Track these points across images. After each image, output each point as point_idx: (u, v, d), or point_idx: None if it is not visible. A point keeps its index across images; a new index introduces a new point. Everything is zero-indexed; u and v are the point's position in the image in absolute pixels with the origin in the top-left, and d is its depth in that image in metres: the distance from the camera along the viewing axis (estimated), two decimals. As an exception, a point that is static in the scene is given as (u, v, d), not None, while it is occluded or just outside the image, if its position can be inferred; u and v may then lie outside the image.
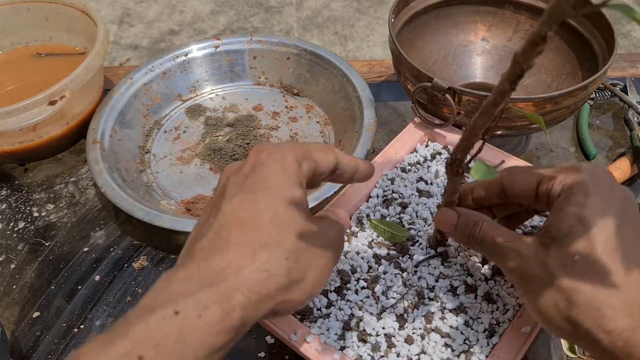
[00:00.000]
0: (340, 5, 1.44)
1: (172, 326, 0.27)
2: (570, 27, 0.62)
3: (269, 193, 0.32)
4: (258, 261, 0.30)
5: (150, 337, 0.26)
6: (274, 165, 0.33)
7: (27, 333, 0.51)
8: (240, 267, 0.29)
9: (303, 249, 0.32)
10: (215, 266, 0.29)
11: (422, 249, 0.45)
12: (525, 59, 0.26)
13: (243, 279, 0.29)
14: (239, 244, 0.30)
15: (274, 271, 0.30)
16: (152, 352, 0.26)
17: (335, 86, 0.69)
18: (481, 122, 0.32)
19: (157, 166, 0.65)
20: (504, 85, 0.28)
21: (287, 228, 0.31)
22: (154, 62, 0.71)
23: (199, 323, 0.27)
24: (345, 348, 0.40)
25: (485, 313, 0.41)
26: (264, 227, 0.31)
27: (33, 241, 0.59)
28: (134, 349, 0.26)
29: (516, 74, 0.27)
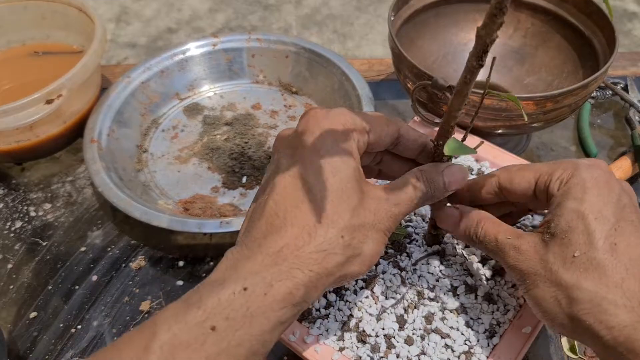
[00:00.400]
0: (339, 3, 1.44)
1: (241, 302, 0.29)
2: (572, 25, 0.62)
3: (321, 167, 0.32)
4: (314, 242, 0.31)
5: (221, 310, 0.29)
6: (324, 135, 0.32)
7: (25, 333, 0.51)
8: (298, 248, 0.30)
9: (358, 225, 0.32)
10: (275, 245, 0.31)
11: (419, 247, 0.45)
12: (487, 32, 0.27)
13: (302, 259, 0.30)
14: (295, 224, 0.31)
15: (330, 250, 0.31)
16: (224, 323, 0.28)
17: (334, 85, 0.68)
18: (457, 103, 0.32)
19: (154, 165, 0.65)
20: (471, 62, 0.29)
21: (341, 204, 0.31)
22: (152, 60, 0.71)
23: (265, 300, 0.29)
24: (345, 349, 0.40)
25: (486, 313, 0.41)
26: (318, 205, 0.31)
27: (30, 241, 0.58)
28: (208, 320, 0.28)
29: (481, 49, 0.28)
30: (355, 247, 0.32)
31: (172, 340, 0.28)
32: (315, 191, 0.31)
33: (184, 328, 0.28)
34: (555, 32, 0.64)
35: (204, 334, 0.28)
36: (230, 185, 0.62)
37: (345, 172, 0.32)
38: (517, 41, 0.67)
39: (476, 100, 0.52)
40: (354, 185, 0.32)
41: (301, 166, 0.32)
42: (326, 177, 0.32)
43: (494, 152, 0.53)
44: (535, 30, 0.66)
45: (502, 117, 0.53)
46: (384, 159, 0.39)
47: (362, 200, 0.32)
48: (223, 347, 0.28)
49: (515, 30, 0.67)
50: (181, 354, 0.28)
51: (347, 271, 0.32)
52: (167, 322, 0.29)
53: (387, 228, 0.33)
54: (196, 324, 0.28)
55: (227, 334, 0.28)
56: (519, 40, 0.67)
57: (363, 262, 0.33)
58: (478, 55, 0.28)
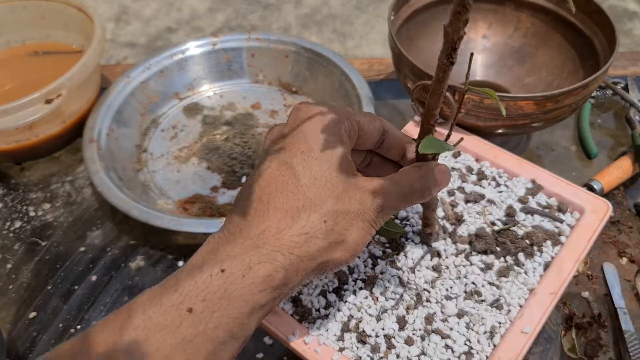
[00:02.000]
0: (339, 2, 1.44)
1: (219, 283, 0.29)
2: (572, 25, 0.62)
3: (307, 155, 0.32)
4: (296, 225, 0.30)
5: (198, 292, 0.28)
6: (312, 125, 0.33)
7: (24, 333, 0.51)
8: (279, 231, 0.30)
9: (342, 211, 0.32)
10: (257, 229, 0.30)
11: (416, 244, 0.45)
12: (454, 30, 0.27)
13: (283, 242, 0.30)
14: (278, 208, 0.31)
15: (312, 234, 0.31)
16: (201, 305, 0.28)
17: (334, 84, 0.68)
18: (433, 102, 0.32)
19: (154, 165, 0.64)
20: (442, 60, 0.29)
21: (326, 190, 0.31)
22: (151, 60, 0.70)
23: (243, 282, 0.29)
24: (345, 349, 0.40)
25: (487, 313, 0.41)
26: (302, 190, 0.31)
27: (29, 241, 0.58)
28: (184, 302, 0.28)
29: (449, 46, 0.28)
30: (339, 234, 0.32)
31: (147, 322, 0.28)
32: (300, 177, 0.31)
33: (159, 310, 0.28)
34: (555, 32, 0.64)
35: (180, 316, 0.28)
36: (229, 185, 0.62)
37: (331, 160, 0.32)
38: (518, 41, 0.67)
39: (475, 99, 0.52)
40: (340, 173, 0.32)
41: (288, 154, 0.32)
42: (311, 164, 0.32)
43: (494, 152, 0.52)
44: (535, 30, 0.66)
45: (502, 117, 0.53)
46: (372, 161, 0.39)
47: (347, 189, 0.32)
48: (200, 329, 0.28)
49: (516, 30, 0.67)
50: (156, 335, 0.27)
51: (330, 257, 0.32)
52: (142, 305, 0.28)
53: (373, 219, 0.33)
54: (172, 306, 0.28)
55: (204, 316, 0.28)
56: (519, 40, 0.67)
57: (346, 249, 0.32)
58: (447, 52, 0.29)
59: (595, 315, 0.49)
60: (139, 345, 0.27)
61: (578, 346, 0.47)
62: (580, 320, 0.49)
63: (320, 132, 0.33)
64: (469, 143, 0.53)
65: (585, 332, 0.48)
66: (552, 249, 0.45)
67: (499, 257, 0.44)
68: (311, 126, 0.33)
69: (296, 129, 0.33)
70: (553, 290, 0.42)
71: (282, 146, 0.33)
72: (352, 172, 0.34)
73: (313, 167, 0.32)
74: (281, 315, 0.41)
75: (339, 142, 0.33)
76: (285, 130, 0.34)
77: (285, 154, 0.32)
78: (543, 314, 0.40)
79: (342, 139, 0.33)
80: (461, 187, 0.49)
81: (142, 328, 0.27)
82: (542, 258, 0.44)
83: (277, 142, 0.33)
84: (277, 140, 0.34)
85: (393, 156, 0.38)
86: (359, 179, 0.34)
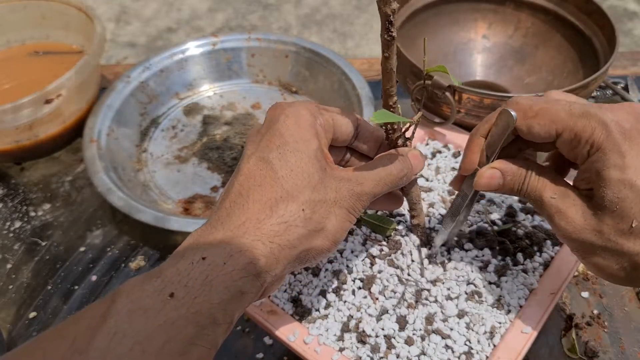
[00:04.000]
0: (339, 2, 1.44)
1: (200, 269, 0.29)
2: (572, 25, 0.62)
3: (283, 149, 0.33)
4: (275, 215, 0.31)
5: (180, 279, 0.29)
6: (288, 121, 0.34)
7: (24, 334, 0.51)
8: (259, 221, 0.31)
9: (319, 200, 0.33)
10: (237, 220, 0.31)
11: (413, 242, 0.45)
12: (384, 2, 0.28)
13: (264, 231, 0.31)
14: (257, 200, 0.32)
15: (291, 222, 0.32)
16: (182, 290, 0.29)
17: (334, 84, 0.68)
18: (385, 81, 0.34)
19: (154, 165, 0.64)
20: (382, 37, 0.30)
21: (302, 181, 0.33)
22: (151, 60, 0.70)
23: (225, 269, 0.30)
24: (345, 349, 0.40)
25: (487, 314, 0.41)
26: (280, 182, 0.32)
27: (29, 241, 0.58)
28: (166, 287, 0.29)
29: (385, 20, 0.29)
30: (318, 222, 0.32)
31: (129, 306, 0.28)
32: (277, 170, 0.33)
33: (141, 295, 0.28)
34: (555, 32, 0.64)
35: (162, 301, 0.28)
36: (229, 185, 0.62)
37: (307, 153, 0.33)
38: (518, 41, 0.67)
39: (475, 99, 0.52)
40: (315, 165, 0.33)
41: (265, 149, 0.33)
42: (288, 157, 0.33)
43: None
44: (535, 29, 0.66)
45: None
46: (351, 159, 0.40)
47: (323, 179, 0.33)
48: (181, 313, 0.28)
49: (516, 29, 0.67)
50: (139, 318, 0.28)
51: (311, 245, 0.33)
52: (125, 291, 0.29)
53: (351, 206, 0.34)
54: (154, 291, 0.29)
55: (186, 301, 0.28)
56: (519, 40, 0.67)
57: (326, 237, 0.33)
58: (385, 27, 0.30)
59: (595, 315, 0.49)
60: (120, 327, 0.27)
61: (578, 346, 0.47)
62: (580, 320, 0.49)
63: (295, 127, 0.34)
64: (453, 136, 0.53)
65: (585, 332, 0.48)
66: (552, 249, 0.45)
67: (499, 256, 0.44)
68: (287, 122, 0.34)
69: (272, 126, 0.34)
70: (553, 290, 0.42)
71: (260, 143, 0.34)
72: (328, 163, 0.35)
73: (289, 160, 0.33)
74: (281, 315, 0.41)
75: (314, 135, 0.34)
76: (262, 128, 0.35)
77: (262, 149, 0.34)
78: (543, 314, 0.40)
79: (317, 132, 0.35)
80: (461, 187, 0.49)
81: (125, 312, 0.28)
82: (542, 258, 0.44)
83: (255, 141, 0.35)
84: (255, 139, 0.35)
85: (369, 152, 0.39)
86: (334, 169, 0.35)
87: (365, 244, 0.45)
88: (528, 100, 0.35)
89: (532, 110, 0.34)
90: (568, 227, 0.34)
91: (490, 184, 0.37)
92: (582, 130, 0.32)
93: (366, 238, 0.46)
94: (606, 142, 0.32)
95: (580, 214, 0.33)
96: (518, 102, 0.35)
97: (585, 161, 0.33)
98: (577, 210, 0.34)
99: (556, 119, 0.33)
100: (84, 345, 0.27)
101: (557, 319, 0.49)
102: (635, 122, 0.32)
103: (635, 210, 0.31)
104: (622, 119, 0.32)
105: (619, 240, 0.32)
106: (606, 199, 0.32)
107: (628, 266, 0.33)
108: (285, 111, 0.35)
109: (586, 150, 0.33)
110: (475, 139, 0.38)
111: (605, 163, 0.32)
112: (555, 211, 0.34)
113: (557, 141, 0.34)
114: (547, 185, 0.35)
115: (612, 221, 0.32)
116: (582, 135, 0.33)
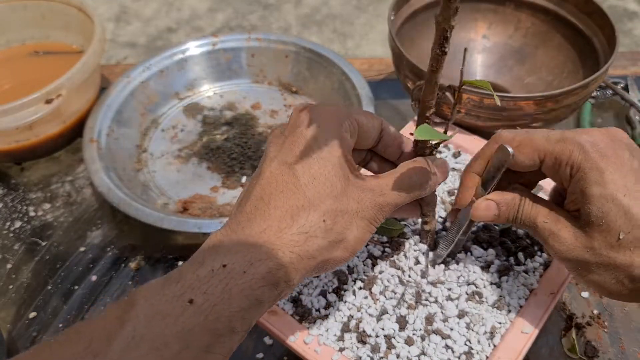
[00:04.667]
0: (339, 2, 1.44)
1: (220, 277, 0.29)
2: (572, 25, 0.62)
3: (306, 155, 0.32)
4: (296, 224, 0.31)
5: (200, 285, 0.29)
6: (313, 125, 0.33)
7: (24, 333, 0.51)
8: (280, 229, 0.31)
9: (341, 210, 0.32)
10: (258, 227, 0.31)
11: (415, 243, 0.45)
12: (444, 18, 0.28)
13: (284, 241, 0.31)
14: (278, 207, 0.31)
15: (312, 233, 0.31)
16: (202, 297, 0.28)
17: (334, 84, 0.68)
18: (428, 92, 0.33)
19: (154, 165, 0.64)
20: (435, 50, 0.30)
21: (324, 189, 0.32)
22: (151, 60, 0.70)
23: (244, 278, 0.29)
24: (345, 349, 0.40)
25: (487, 314, 0.41)
26: (302, 189, 0.32)
27: (29, 241, 0.58)
28: (186, 293, 0.28)
29: (441, 35, 0.29)
30: (339, 233, 0.32)
31: (149, 311, 0.28)
32: (299, 177, 0.32)
33: (161, 300, 0.28)
34: (555, 32, 0.64)
35: (181, 307, 0.28)
36: (230, 185, 0.62)
37: (330, 160, 0.33)
38: (518, 41, 0.67)
39: (475, 99, 0.52)
40: (338, 172, 0.33)
41: (288, 153, 0.33)
42: (311, 164, 0.32)
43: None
44: (535, 30, 0.66)
45: (502, 117, 0.53)
46: (372, 161, 0.40)
47: (345, 188, 0.33)
48: (200, 321, 0.28)
49: (516, 29, 0.67)
50: (158, 323, 0.28)
51: (330, 256, 0.32)
52: (144, 295, 0.29)
53: (373, 217, 0.34)
54: (174, 297, 0.28)
55: (205, 308, 0.28)
56: (519, 40, 0.67)
57: (346, 248, 0.33)
58: (439, 42, 0.29)
59: (595, 315, 0.49)
60: (138, 331, 0.27)
61: (578, 346, 0.47)
62: (580, 320, 0.49)
63: (320, 132, 0.33)
64: (469, 143, 0.53)
65: (585, 332, 0.48)
66: (552, 249, 0.45)
67: (500, 256, 0.44)
68: (311, 126, 0.33)
69: (297, 130, 0.34)
70: (553, 290, 0.42)
71: (283, 146, 0.33)
72: (351, 171, 0.34)
73: (312, 167, 0.32)
74: (281, 316, 0.41)
75: (338, 141, 0.33)
76: (286, 131, 0.34)
77: (285, 154, 0.33)
78: (543, 314, 0.40)
79: (342, 138, 0.34)
80: (461, 187, 0.49)
81: (143, 316, 0.28)
82: (542, 258, 0.44)
83: (278, 143, 0.34)
84: (278, 140, 0.34)
85: (390, 155, 0.39)
86: (357, 177, 0.34)
87: (367, 245, 0.45)
88: (510, 134, 0.37)
89: (516, 141, 0.36)
90: (561, 248, 0.35)
91: (487, 215, 0.38)
92: (561, 153, 0.34)
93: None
94: (584, 162, 0.33)
95: (572, 233, 0.35)
96: (501, 135, 0.37)
97: (569, 183, 0.35)
98: (569, 231, 0.35)
99: (537, 146, 0.36)
100: (101, 348, 0.27)
101: (557, 319, 0.49)
102: (610, 142, 0.34)
103: (620, 222, 0.32)
104: (597, 140, 0.34)
105: (610, 254, 0.33)
106: (592, 215, 0.33)
107: (625, 279, 0.33)
108: (310, 114, 0.34)
109: (568, 172, 0.34)
110: (470, 176, 0.39)
111: (586, 181, 0.33)
112: (549, 234, 0.35)
113: (541, 167, 0.36)
114: (540, 211, 0.36)
115: (601, 236, 0.33)
116: (562, 158, 0.34)
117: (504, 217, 0.38)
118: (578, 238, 0.34)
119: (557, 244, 0.35)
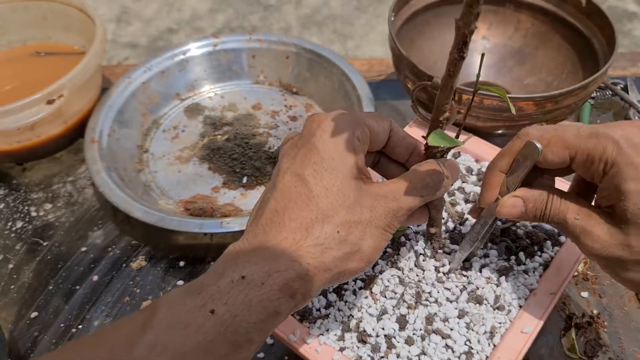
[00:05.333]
0: (339, 3, 1.44)
1: (240, 289, 0.30)
2: (571, 25, 0.62)
3: (319, 166, 0.33)
4: (311, 236, 0.31)
5: (221, 296, 0.29)
6: (324, 135, 0.34)
7: (25, 333, 0.51)
8: (296, 242, 0.31)
9: (354, 221, 0.32)
10: (274, 240, 0.32)
11: (417, 243, 0.45)
12: (465, 23, 0.27)
13: (300, 253, 0.31)
14: (293, 219, 0.32)
15: (327, 245, 0.32)
16: (223, 308, 0.29)
17: (334, 85, 0.68)
18: (443, 97, 0.32)
19: (155, 165, 0.65)
20: (453, 55, 0.29)
21: (337, 200, 0.32)
22: (152, 60, 0.71)
23: (263, 289, 0.30)
24: (345, 349, 0.40)
25: (487, 314, 0.41)
26: (315, 201, 0.32)
27: (31, 241, 0.59)
28: (207, 304, 0.29)
29: (460, 40, 0.28)
30: (353, 244, 0.32)
31: (170, 320, 0.28)
32: (312, 188, 0.32)
33: (182, 309, 0.29)
34: (555, 33, 0.64)
35: (203, 317, 0.29)
36: (230, 186, 0.62)
37: (342, 170, 0.33)
38: (517, 41, 0.67)
39: (475, 100, 0.52)
40: (351, 183, 0.33)
41: (300, 165, 0.33)
42: (323, 175, 0.33)
43: (493, 153, 0.53)
44: (535, 30, 0.66)
45: (502, 117, 0.53)
46: (380, 162, 0.39)
47: (359, 198, 0.33)
48: (220, 331, 0.29)
49: (516, 30, 0.67)
50: (179, 332, 0.28)
51: (346, 267, 0.33)
52: (166, 304, 0.29)
53: (387, 224, 0.34)
54: (195, 307, 0.29)
55: (226, 319, 0.29)
56: (519, 41, 0.67)
57: (362, 258, 0.33)
58: (458, 47, 0.29)
59: (595, 315, 0.50)
60: (160, 340, 0.27)
61: (578, 346, 0.47)
62: (580, 320, 0.49)
63: (331, 142, 0.33)
64: (469, 143, 0.53)
65: (585, 332, 0.48)
66: (552, 249, 0.45)
67: (500, 256, 0.44)
68: (324, 137, 0.34)
69: (309, 140, 0.34)
70: (553, 290, 0.42)
71: (296, 158, 0.34)
72: (364, 180, 0.34)
73: (324, 178, 0.32)
74: (282, 315, 0.41)
75: (350, 151, 0.34)
76: (300, 142, 0.34)
77: (298, 165, 0.33)
78: (543, 314, 0.40)
79: (354, 147, 0.34)
80: (461, 187, 0.50)
81: (165, 325, 0.28)
82: (542, 258, 0.44)
83: (291, 155, 0.34)
84: (291, 152, 0.34)
85: (398, 156, 0.38)
86: (370, 186, 0.34)
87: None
88: (538, 131, 0.36)
89: (545, 139, 0.35)
90: (595, 245, 0.34)
91: (513, 213, 0.37)
92: (594, 149, 0.33)
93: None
94: (619, 157, 0.32)
95: (606, 230, 0.34)
96: (529, 132, 0.36)
97: (602, 179, 0.34)
98: (602, 228, 0.34)
99: (567, 143, 0.34)
100: (122, 355, 0.27)
101: (557, 319, 0.49)
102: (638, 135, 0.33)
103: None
104: (631, 134, 0.33)
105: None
106: (628, 211, 0.32)
107: None
108: (322, 125, 0.34)
109: (601, 168, 0.33)
110: (495, 174, 0.38)
111: (622, 177, 0.32)
112: (581, 231, 0.34)
113: (572, 164, 0.35)
114: (570, 208, 0.35)
115: (638, 232, 0.32)
116: (594, 155, 0.33)
117: (531, 214, 0.37)
118: (613, 235, 0.33)
119: (590, 242, 0.34)
